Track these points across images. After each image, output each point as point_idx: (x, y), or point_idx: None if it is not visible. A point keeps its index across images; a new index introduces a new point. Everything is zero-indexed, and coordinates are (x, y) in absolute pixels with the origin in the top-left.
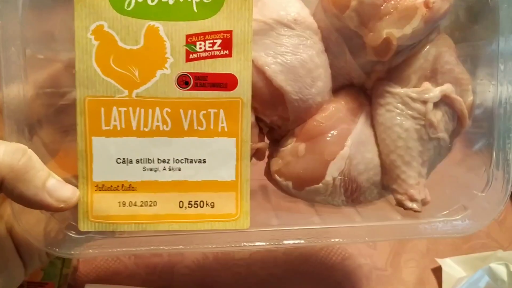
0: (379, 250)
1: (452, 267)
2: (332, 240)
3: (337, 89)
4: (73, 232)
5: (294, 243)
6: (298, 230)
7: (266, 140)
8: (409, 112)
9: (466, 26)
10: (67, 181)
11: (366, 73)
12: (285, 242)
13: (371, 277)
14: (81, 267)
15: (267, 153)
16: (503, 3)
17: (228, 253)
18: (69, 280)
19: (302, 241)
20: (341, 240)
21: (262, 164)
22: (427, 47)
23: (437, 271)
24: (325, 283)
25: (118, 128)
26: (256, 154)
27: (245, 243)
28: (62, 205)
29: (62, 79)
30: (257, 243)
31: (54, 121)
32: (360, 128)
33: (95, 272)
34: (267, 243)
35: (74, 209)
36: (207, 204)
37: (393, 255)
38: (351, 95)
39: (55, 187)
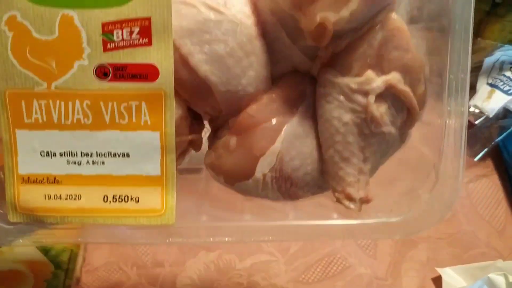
0: (379, 259)
1: (452, 276)
2: (261, 238)
3: (280, 76)
4: (4, 222)
5: (220, 240)
6: (227, 226)
7: (208, 128)
8: (349, 104)
9: (423, 3)
10: None
11: (310, 59)
12: (211, 239)
13: (372, 287)
14: (84, 278)
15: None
16: None
17: (229, 263)
18: None
19: (229, 239)
20: (270, 238)
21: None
22: (373, 30)
23: (437, 281)
24: None
25: (40, 121)
26: (192, 145)
27: (171, 239)
28: None
29: None
30: (182, 239)
31: None
32: (298, 120)
33: (97, 283)
34: (193, 239)
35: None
36: (131, 198)
37: (393, 264)
38: (292, 83)
39: None
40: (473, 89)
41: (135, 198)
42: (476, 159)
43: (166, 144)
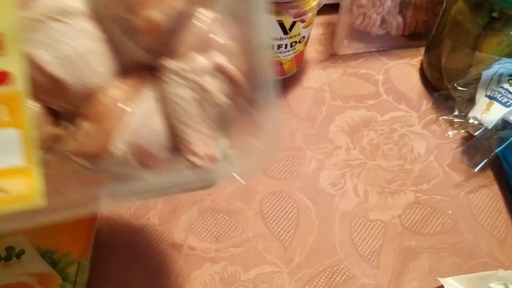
0: (382, 270)
1: (454, 286)
2: None
3: (125, 69)
4: None
5: None
6: None
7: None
8: (184, 82)
9: None
10: None
11: (148, 52)
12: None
13: None
14: None
15: None
16: None
17: (234, 274)
18: None
19: None
20: None
21: None
22: (195, 23)
23: None
24: None
25: None
26: (57, 140)
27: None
28: None
29: None
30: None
31: None
32: (144, 102)
33: None
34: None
35: None
36: (0, 190)
37: (396, 275)
38: (136, 73)
39: None
40: (472, 101)
41: (4, 189)
42: (476, 169)
43: (26, 138)
